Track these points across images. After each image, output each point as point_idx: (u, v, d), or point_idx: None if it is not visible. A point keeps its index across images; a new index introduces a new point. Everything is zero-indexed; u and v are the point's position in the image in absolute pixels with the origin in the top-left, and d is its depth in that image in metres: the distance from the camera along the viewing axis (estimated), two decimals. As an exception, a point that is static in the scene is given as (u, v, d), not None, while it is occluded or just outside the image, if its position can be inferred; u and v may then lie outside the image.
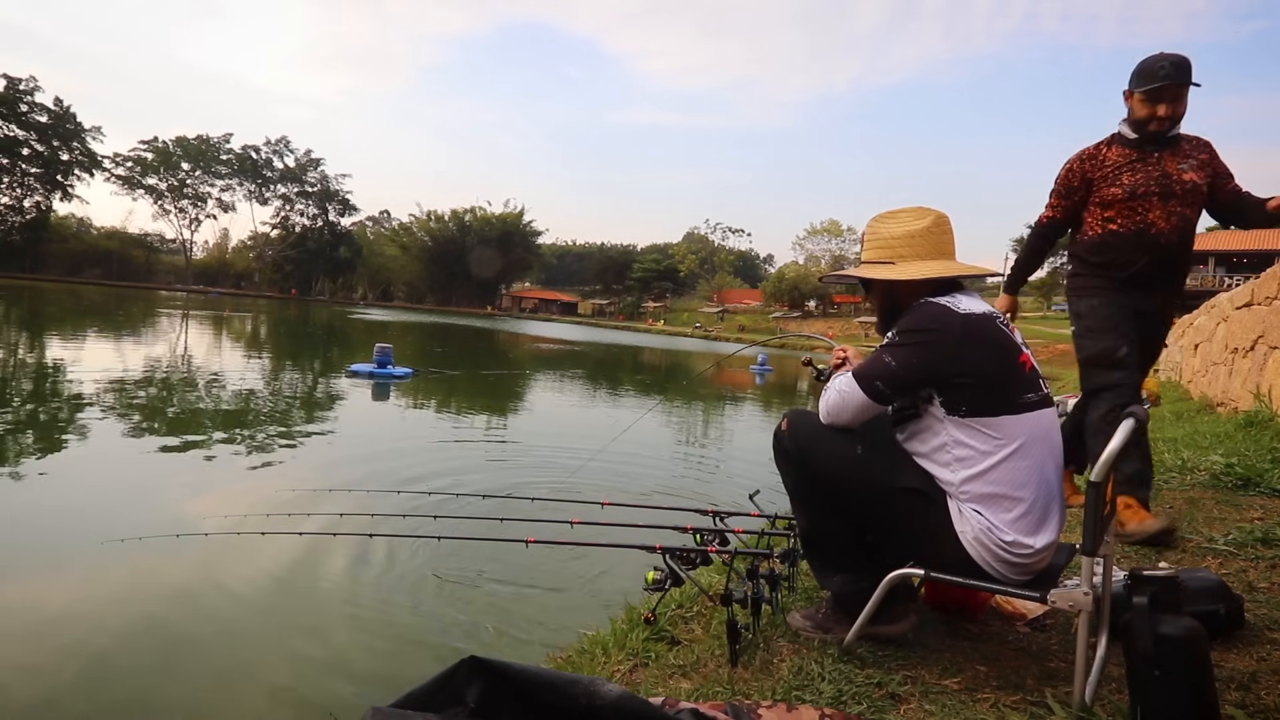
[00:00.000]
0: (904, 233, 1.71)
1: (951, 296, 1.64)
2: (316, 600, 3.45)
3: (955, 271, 1.69)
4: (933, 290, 1.67)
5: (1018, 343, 1.62)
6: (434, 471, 6.21)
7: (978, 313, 1.60)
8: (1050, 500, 1.57)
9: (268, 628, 3.21)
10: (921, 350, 1.58)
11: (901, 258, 1.70)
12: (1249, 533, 2.51)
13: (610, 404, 12.82)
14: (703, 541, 2.34)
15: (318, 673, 2.87)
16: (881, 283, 1.74)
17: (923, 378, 1.59)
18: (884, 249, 1.73)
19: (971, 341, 1.56)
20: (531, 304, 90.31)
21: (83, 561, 3.69)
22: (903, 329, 1.63)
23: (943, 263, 1.70)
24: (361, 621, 3.30)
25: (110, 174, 70.36)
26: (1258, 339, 5.56)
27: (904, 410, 1.69)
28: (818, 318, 66.33)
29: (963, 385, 1.56)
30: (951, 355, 1.55)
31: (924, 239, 1.70)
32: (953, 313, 1.59)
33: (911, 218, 1.73)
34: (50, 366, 11.40)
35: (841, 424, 1.70)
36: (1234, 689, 1.53)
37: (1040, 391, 1.61)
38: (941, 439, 1.59)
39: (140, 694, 2.68)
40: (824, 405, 1.73)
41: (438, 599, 3.56)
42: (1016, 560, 1.53)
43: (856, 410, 1.66)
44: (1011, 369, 1.58)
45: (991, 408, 1.55)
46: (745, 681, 1.70)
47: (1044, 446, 1.57)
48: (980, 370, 1.55)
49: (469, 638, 3.19)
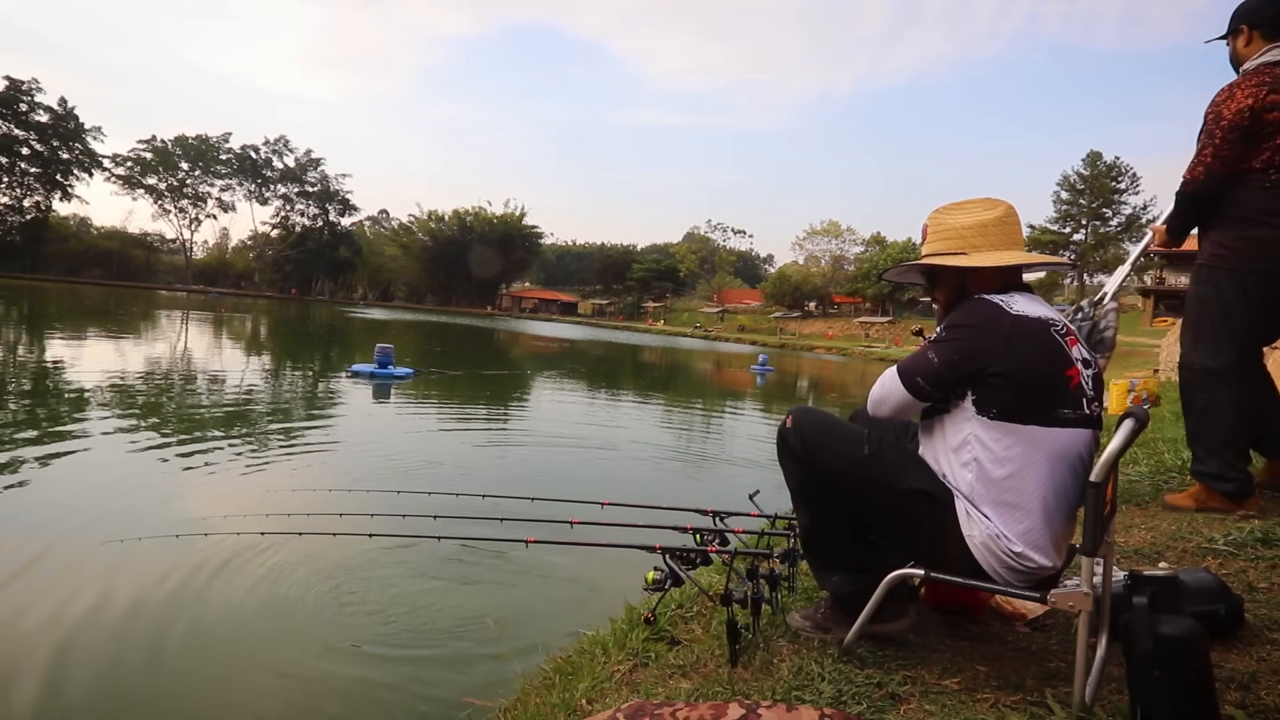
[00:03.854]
0: (976, 222, 1.66)
1: (1008, 295, 1.59)
2: (316, 600, 3.45)
3: (1032, 260, 1.65)
4: (1001, 284, 1.62)
5: (1070, 355, 1.53)
6: (434, 471, 6.21)
7: (1031, 315, 1.54)
8: (1063, 523, 1.53)
9: (267, 628, 3.21)
10: (965, 346, 1.54)
11: (974, 248, 1.64)
12: (1249, 533, 2.51)
13: (611, 404, 12.82)
14: (703, 541, 2.34)
15: (317, 672, 2.87)
16: (953, 274, 1.67)
17: (964, 375, 1.54)
18: (955, 239, 1.66)
19: (1018, 341, 1.50)
20: (531, 304, 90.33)
21: (82, 561, 3.69)
22: (950, 324, 1.59)
23: (1016, 252, 1.66)
24: (361, 621, 3.30)
25: (110, 174, 70.26)
26: (1258, 339, 5.55)
27: (934, 404, 1.65)
28: (818, 318, 66.28)
29: (999, 386, 1.51)
30: (995, 353, 1.50)
31: (997, 229, 1.65)
32: (1004, 311, 1.54)
33: (981, 208, 1.68)
34: (50, 366, 11.40)
35: (882, 415, 1.69)
36: (1234, 689, 1.53)
37: (1080, 410, 1.52)
38: (965, 436, 1.56)
39: (140, 694, 2.68)
40: (871, 396, 1.71)
41: (438, 599, 3.56)
42: (1024, 570, 1.51)
43: (897, 405, 1.64)
44: (1054, 379, 1.51)
45: (1023, 415, 1.50)
46: (745, 681, 1.70)
47: (1064, 468, 1.51)
48: (1019, 373, 1.49)
49: (470, 637, 3.19)
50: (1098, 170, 48.40)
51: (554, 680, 2.19)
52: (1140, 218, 45.15)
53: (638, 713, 1.39)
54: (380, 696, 2.73)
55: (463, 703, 2.59)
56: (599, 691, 1.92)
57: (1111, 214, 46.66)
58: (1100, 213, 47.53)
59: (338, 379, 12.70)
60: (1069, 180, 49.50)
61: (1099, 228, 47.18)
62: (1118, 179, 47.24)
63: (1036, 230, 48.80)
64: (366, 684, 2.80)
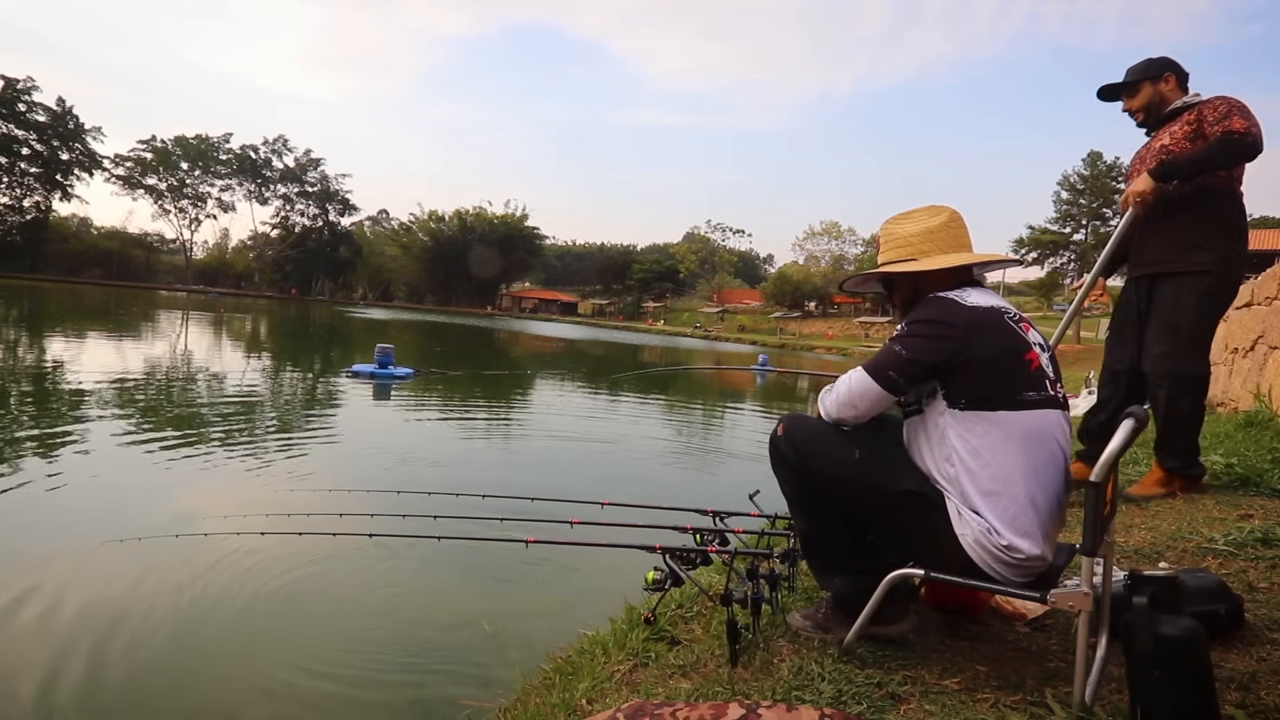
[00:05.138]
0: (922, 229, 1.75)
1: (962, 290, 1.67)
2: (315, 600, 3.45)
3: (978, 259, 1.73)
4: (953, 283, 1.70)
5: (1027, 340, 1.62)
6: (434, 471, 6.21)
7: (985, 305, 1.62)
8: (1045, 504, 1.56)
9: (267, 628, 3.21)
10: (930, 338, 1.60)
11: (924, 253, 1.74)
12: (1249, 533, 2.51)
13: (611, 404, 12.82)
14: (703, 541, 2.34)
15: (316, 672, 2.87)
16: (907, 279, 1.77)
17: (933, 365, 1.60)
18: (904, 247, 1.76)
19: (977, 332, 1.58)
20: (531, 304, 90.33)
21: (82, 561, 3.69)
22: (911, 320, 1.66)
23: (963, 254, 1.74)
24: (360, 621, 3.30)
25: (110, 174, 70.25)
26: (1258, 339, 5.56)
27: (909, 406, 1.70)
28: (818, 318, 66.28)
29: (966, 376, 1.57)
30: (958, 344, 1.57)
31: (943, 234, 1.75)
32: (959, 304, 1.62)
33: (926, 216, 1.78)
34: (50, 366, 11.40)
35: (851, 418, 1.70)
36: (1234, 689, 1.53)
37: (1044, 391, 1.59)
38: (942, 433, 1.60)
39: (139, 693, 2.68)
40: (832, 400, 1.72)
41: (438, 599, 3.56)
42: (1015, 563, 1.53)
43: (872, 401, 1.67)
44: (1014, 365, 1.58)
45: (990, 401, 1.56)
46: (745, 681, 1.70)
47: (1041, 448, 1.56)
48: (982, 362, 1.56)
49: (470, 637, 3.19)
50: (1098, 170, 48.40)
51: (554, 680, 2.19)
52: (1140, 218, 45.14)
53: (638, 713, 1.39)
54: (380, 697, 2.73)
55: (462, 703, 2.59)
56: (599, 691, 1.92)
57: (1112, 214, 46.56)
58: (1100, 213, 47.49)
59: (338, 379, 12.70)
60: (1069, 180, 49.50)
61: (1099, 228, 47.12)
62: (1118, 179, 47.17)
63: (1036, 230, 48.81)
64: (366, 684, 2.80)
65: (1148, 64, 3.09)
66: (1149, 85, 3.08)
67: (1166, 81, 3.05)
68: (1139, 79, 3.11)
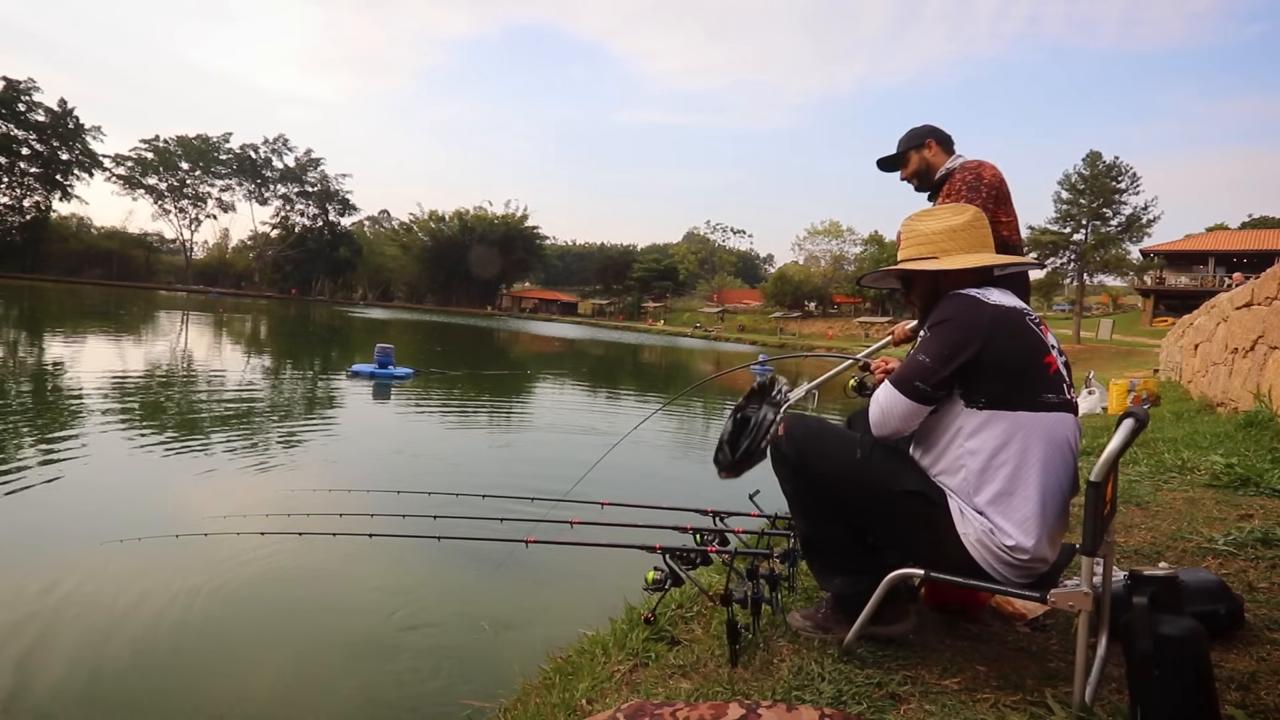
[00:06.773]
0: (945, 228, 1.72)
1: (983, 289, 1.64)
2: (315, 600, 3.45)
3: (1000, 261, 1.70)
4: (975, 282, 1.67)
5: (1045, 342, 1.60)
6: (434, 471, 6.21)
7: (1007, 305, 1.60)
8: (1055, 507, 1.55)
9: (267, 628, 3.21)
10: (950, 337, 1.57)
11: (945, 252, 1.71)
12: (1249, 533, 2.51)
13: (611, 404, 12.81)
14: (703, 541, 2.34)
15: (316, 672, 2.87)
16: (926, 278, 1.73)
17: (958, 367, 1.56)
18: (926, 245, 1.73)
19: (998, 329, 1.55)
20: (531, 304, 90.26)
21: (82, 561, 3.69)
22: (933, 322, 1.63)
23: (986, 254, 1.71)
24: (360, 621, 3.30)
25: (110, 174, 70.18)
26: (1258, 339, 5.56)
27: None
28: (818, 318, 66.23)
29: (986, 375, 1.55)
30: (979, 341, 1.54)
31: (965, 233, 1.71)
32: (982, 302, 1.59)
33: (949, 214, 1.75)
34: (50, 367, 11.40)
35: (889, 433, 1.67)
36: (1234, 689, 1.53)
37: (1062, 395, 1.57)
38: (955, 431, 1.58)
39: (139, 693, 2.68)
40: (872, 420, 1.70)
41: (438, 599, 3.56)
42: (1018, 564, 1.52)
43: (902, 417, 1.63)
44: (1034, 366, 1.56)
45: (1010, 401, 1.54)
46: (745, 681, 1.70)
47: (1055, 451, 1.55)
48: (1003, 362, 1.54)
49: (470, 637, 3.19)
50: (1098, 170, 48.31)
51: (554, 680, 2.19)
52: (1140, 218, 45.04)
53: (638, 713, 1.39)
54: (380, 696, 2.73)
55: (462, 703, 2.59)
56: (599, 691, 1.92)
57: (1112, 214, 46.51)
58: (1100, 213, 47.41)
59: (338, 379, 12.70)
60: (1069, 180, 49.40)
61: (1099, 228, 47.04)
62: (1118, 179, 47.11)
63: (1036, 230, 48.75)
64: (366, 684, 2.80)
65: (911, 134, 3.15)
66: (914, 154, 3.13)
67: (929, 148, 3.08)
68: (905, 149, 3.16)
